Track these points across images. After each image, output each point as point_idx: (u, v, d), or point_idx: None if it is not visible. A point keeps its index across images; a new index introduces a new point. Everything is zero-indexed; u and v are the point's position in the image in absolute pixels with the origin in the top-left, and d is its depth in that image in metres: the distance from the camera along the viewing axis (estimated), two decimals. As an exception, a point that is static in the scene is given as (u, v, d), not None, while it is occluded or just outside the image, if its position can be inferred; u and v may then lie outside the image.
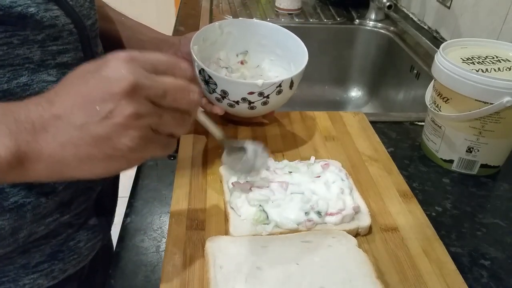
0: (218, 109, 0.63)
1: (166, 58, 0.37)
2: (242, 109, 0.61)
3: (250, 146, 0.52)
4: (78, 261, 0.58)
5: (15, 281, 0.52)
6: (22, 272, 0.52)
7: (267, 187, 0.54)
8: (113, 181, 0.68)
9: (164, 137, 0.36)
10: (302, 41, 0.68)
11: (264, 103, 0.60)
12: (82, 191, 0.54)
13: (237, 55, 0.73)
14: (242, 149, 0.53)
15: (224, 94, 0.59)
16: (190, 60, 0.64)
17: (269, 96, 0.59)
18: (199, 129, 0.71)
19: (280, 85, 0.59)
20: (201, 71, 0.59)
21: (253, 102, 0.59)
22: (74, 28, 0.48)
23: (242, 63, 0.72)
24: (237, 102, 0.59)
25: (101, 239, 0.61)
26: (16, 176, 0.34)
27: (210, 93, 0.61)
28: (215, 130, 0.51)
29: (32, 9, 0.42)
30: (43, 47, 0.46)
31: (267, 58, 0.72)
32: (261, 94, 0.58)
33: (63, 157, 0.33)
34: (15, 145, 0.32)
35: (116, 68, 0.33)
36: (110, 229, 0.67)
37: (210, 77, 0.58)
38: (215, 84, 0.58)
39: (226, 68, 0.71)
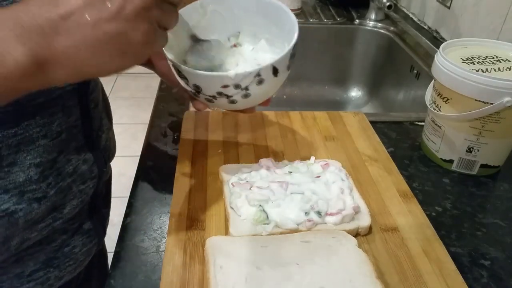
0: (200, 105, 0.55)
1: None
2: (222, 104, 0.53)
3: (214, 39, 0.52)
4: (74, 267, 0.57)
5: None
6: (16, 281, 0.51)
7: (267, 187, 0.54)
8: (106, 184, 0.67)
9: (161, 31, 0.38)
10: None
11: (245, 96, 0.51)
12: (74, 195, 0.53)
13: (229, 39, 0.61)
14: (207, 42, 0.52)
15: (198, 89, 0.51)
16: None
17: (248, 87, 0.50)
18: (199, 130, 0.71)
19: (258, 74, 0.49)
20: (172, 63, 0.51)
21: (231, 96, 0.51)
22: None
23: (235, 45, 0.61)
24: (214, 97, 0.51)
25: (96, 243, 0.61)
26: (38, 82, 0.34)
27: (186, 87, 0.53)
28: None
29: None
30: None
31: (262, 37, 0.61)
32: (237, 86, 0.49)
33: (80, 56, 0.33)
34: (29, 49, 0.31)
35: None
36: (105, 233, 0.66)
37: (179, 70, 0.50)
38: (186, 78, 0.50)
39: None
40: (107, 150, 0.61)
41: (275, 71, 0.50)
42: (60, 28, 0.32)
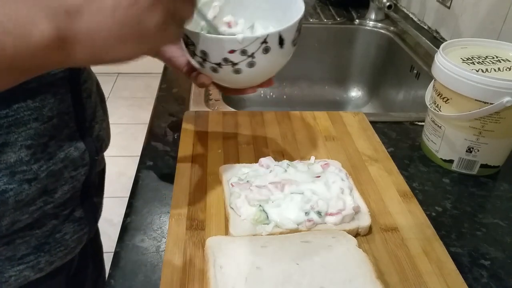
0: (204, 78, 0.56)
1: None
2: (227, 74, 0.53)
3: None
4: (65, 253, 0.58)
5: (0, 273, 0.52)
6: (7, 264, 0.52)
7: (267, 187, 0.54)
8: (99, 174, 0.68)
9: (175, 23, 0.40)
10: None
11: (251, 65, 0.52)
12: (66, 180, 0.55)
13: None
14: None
15: (204, 56, 0.52)
16: None
17: (254, 55, 0.51)
18: (198, 130, 0.71)
19: (265, 41, 0.50)
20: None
21: (236, 63, 0.51)
22: None
23: (230, 25, 0.63)
24: (219, 65, 0.52)
25: (87, 232, 0.62)
26: (59, 59, 0.36)
27: (192, 57, 0.54)
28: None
29: None
30: None
31: (256, 20, 0.62)
32: (244, 52, 0.50)
33: (100, 37, 0.36)
34: (54, 27, 0.34)
35: None
36: (96, 223, 0.67)
37: (187, 36, 0.51)
38: (193, 44, 0.52)
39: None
40: (100, 140, 0.63)
41: (281, 41, 0.51)
42: (83, 11, 0.35)
